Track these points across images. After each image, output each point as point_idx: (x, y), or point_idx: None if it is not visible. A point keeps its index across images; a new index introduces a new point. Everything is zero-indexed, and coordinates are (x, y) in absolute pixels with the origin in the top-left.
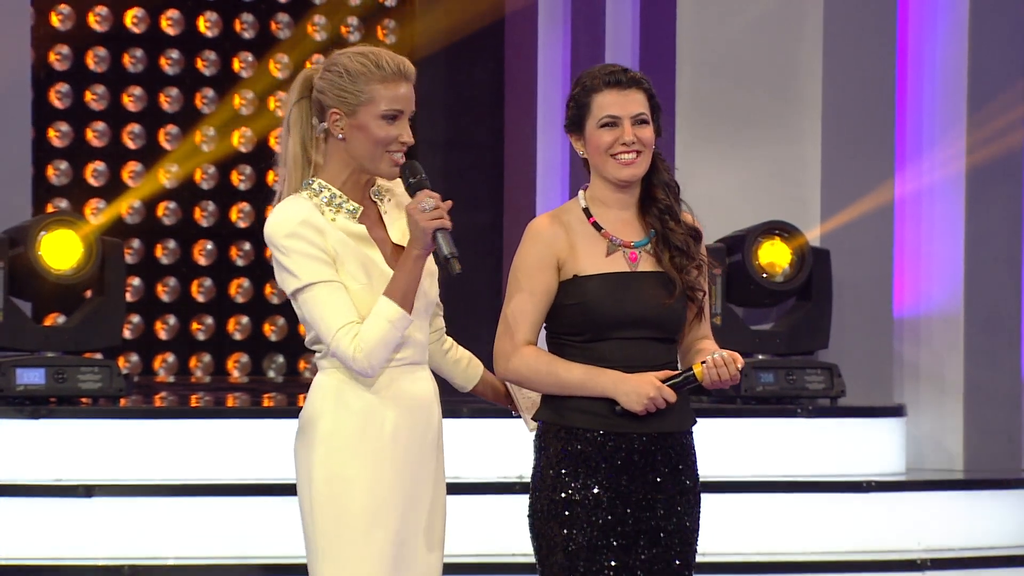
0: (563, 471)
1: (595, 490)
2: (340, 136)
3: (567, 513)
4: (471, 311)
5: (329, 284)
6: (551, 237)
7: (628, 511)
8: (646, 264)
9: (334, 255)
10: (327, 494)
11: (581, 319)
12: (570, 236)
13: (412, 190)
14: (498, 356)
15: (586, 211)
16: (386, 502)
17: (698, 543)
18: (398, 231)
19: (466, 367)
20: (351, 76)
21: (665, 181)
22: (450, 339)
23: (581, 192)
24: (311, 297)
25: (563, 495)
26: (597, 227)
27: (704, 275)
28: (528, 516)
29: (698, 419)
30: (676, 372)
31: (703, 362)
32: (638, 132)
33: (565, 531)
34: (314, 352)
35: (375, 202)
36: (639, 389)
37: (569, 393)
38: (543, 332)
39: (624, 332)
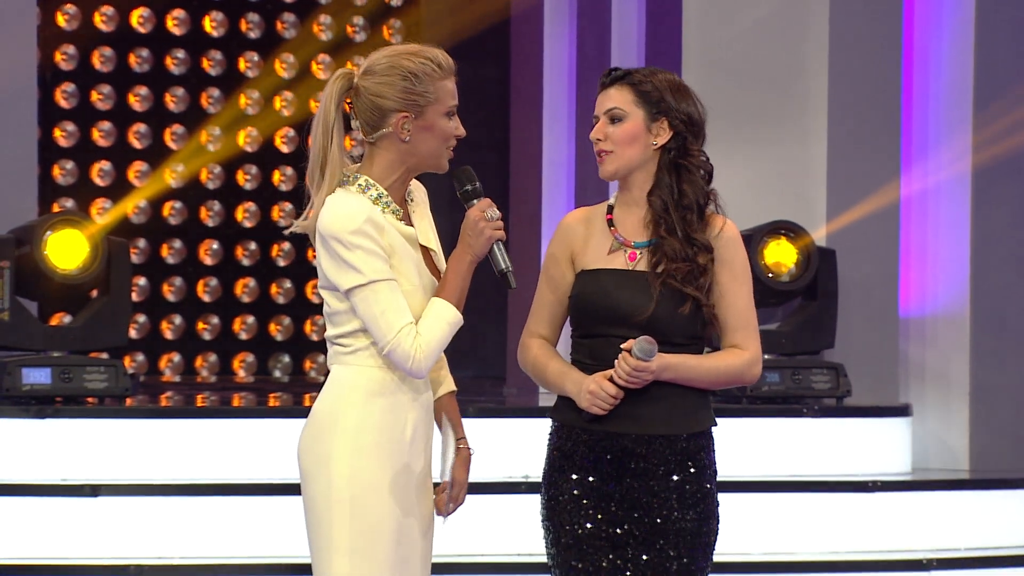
0: (558, 467)
1: (584, 488)
2: (406, 139)
3: (557, 510)
4: (477, 311)
5: (390, 282)
6: (569, 231)
7: (619, 511)
8: (644, 265)
9: (390, 253)
10: (350, 492)
11: (575, 313)
12: (589, 231)
13: (469, 197)
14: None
15: (611, 208)
16: (406, 504)
17: (712, 548)
18: (423, 233)
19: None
20: (417, 78)
21: (664, 190)
22: None
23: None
24: (372, 294)
25: (558, 491)
26: (611, 224)
27: (705, 286)
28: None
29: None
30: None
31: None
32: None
33: (560, 525)
34: (331, 346)
35: (407, 203)
36: (583, 385)
37: (554, 392)
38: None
39: (613, 329)
